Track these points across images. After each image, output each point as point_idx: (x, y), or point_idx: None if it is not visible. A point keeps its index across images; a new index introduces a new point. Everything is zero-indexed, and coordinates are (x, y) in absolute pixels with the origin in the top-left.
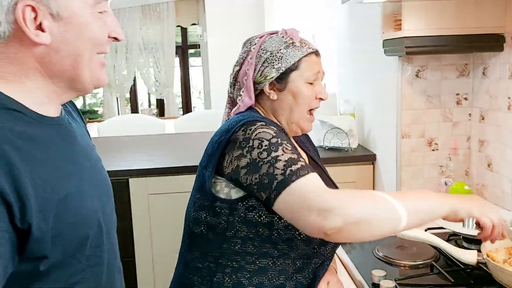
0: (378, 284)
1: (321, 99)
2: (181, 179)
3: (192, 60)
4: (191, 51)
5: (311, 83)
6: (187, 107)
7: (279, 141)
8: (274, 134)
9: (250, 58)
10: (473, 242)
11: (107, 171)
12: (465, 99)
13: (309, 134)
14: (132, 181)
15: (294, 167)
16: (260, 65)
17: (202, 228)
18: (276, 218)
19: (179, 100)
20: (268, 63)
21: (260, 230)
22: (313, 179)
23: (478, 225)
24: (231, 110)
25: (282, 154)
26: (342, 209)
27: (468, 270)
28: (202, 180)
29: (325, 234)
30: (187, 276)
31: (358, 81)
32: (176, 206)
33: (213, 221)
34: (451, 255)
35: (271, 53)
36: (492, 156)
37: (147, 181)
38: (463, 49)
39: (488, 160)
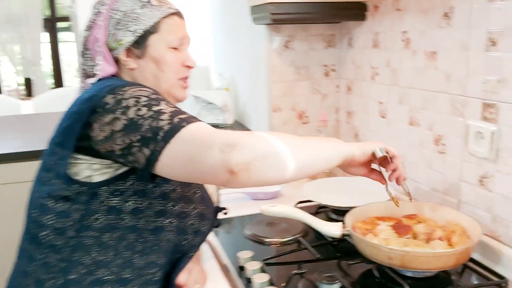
0: (244, 267)
1: (188, 66)
2: (27, 165)
3: (63, 35)
4: (61, 24)
5: (175, 48)
6: (59, 87)
7: (160, 97)
8: (152, 91)
9: (100, 21)
10: (342, 213)
11: None
12: (333, 70)
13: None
14: None
15: (182, 116)
16: (113, 28)
17: (48, 229)
18: (146, 203)
19: (52, 79)
20: (122, 26)
21: (125, 218)
22: (206, 125)
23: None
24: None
25: (166, 108)
26: (247, 142)
27: (335, 243)
28: (54, 160)
29: (231, 172)
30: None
31: (231, 53)
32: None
33: (62, 216)
34: (316, 229)
35: (124, 14)
36: (358, 126)
37: None
38: (328, 17)
39: (355, 131)
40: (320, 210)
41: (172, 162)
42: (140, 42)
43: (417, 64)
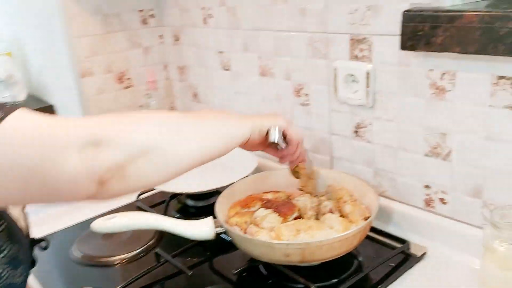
0: None
1: None
2: None
3: None
4: None
5: None
6: None
7: None
8: None
9: None
10: (202, 198)
11: None
12: (151, 16)
13: None
14: None
15: None
16: None
17: None
18: None
19: None
20: None
21: None
22: (38, 113)
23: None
24: None
25: None
26: (117, 134)
27: (205, 242)
28: None
29: (100, 181)
30: None
31: (10, 8)
32: None
33: None
34: (180, 235)
35: None
36: (196, 84)
37: None
38: None
39: (192, 90)
40: (172, 199)
41: None
42: None
43: (261, 1)
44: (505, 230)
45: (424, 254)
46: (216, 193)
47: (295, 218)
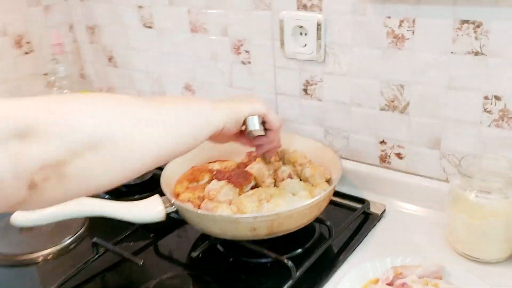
0: None
1: None
2: None
3: None
4: None
5: None
6: None
7: None
8: None
9: None
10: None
11: None
12: None
13: None
14: None
15: None
16: None
17: None
18: None
19: None
20: None
21: None
22: None
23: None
24: None
25: None
26: (55, 122)
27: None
28: None
29: (32, 184)
30: None
31: None
32: None
33: None
34: (125, 220)
35: None
36: (111, 45)
37: None
38: None
39: (107, 53)
40: None
41: None
42: None
43: None
44: (475, 179)
45: (384, 211)
46: None
47: (252, 188)
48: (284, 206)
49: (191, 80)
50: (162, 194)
